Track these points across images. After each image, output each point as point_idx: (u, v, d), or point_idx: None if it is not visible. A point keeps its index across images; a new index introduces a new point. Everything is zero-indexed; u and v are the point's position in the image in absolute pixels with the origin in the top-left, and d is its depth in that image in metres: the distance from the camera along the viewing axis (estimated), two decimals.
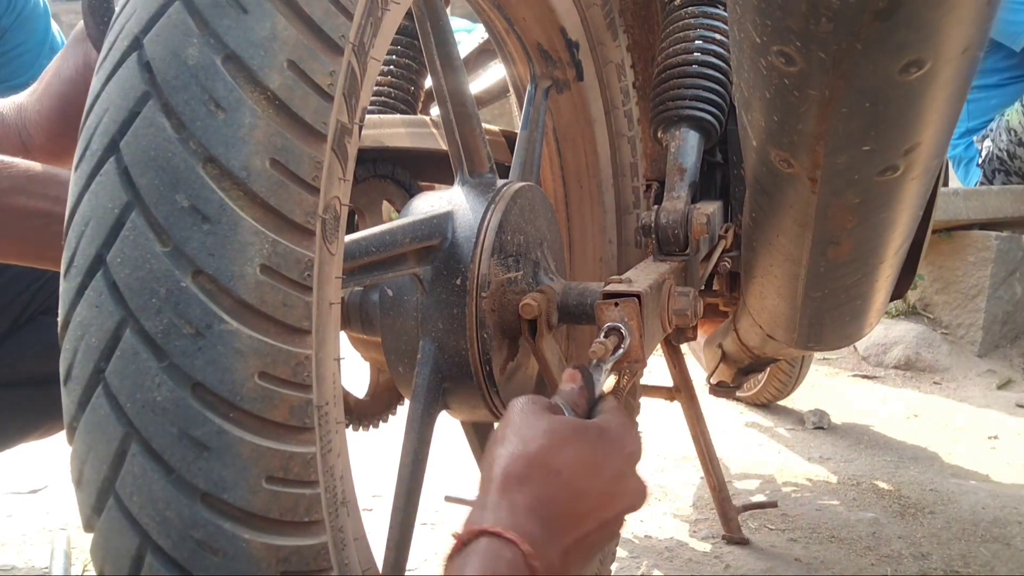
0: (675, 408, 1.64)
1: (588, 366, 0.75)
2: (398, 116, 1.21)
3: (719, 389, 1.83)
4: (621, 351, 0.78)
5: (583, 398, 0.71)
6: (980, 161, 3.29)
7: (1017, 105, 3.11)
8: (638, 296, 0.82)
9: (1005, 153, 3.18)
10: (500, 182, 0.90)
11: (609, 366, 0.77)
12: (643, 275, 0.94)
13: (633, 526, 1.70)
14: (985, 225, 2.92)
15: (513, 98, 1.26)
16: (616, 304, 0.80)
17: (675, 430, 2.18)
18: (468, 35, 1.86)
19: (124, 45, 0.54)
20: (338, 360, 0.61)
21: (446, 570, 0.53)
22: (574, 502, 0.58)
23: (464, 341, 0.82)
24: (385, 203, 1.13)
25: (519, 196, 0.89)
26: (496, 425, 0.67)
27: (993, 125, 3.22)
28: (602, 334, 0.79)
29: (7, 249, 0.97)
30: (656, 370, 2.31)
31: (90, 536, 0.53)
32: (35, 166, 0.96)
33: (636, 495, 0.63)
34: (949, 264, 2.95)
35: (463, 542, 0.54)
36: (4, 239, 0.95)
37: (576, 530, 0.57)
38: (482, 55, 1.73)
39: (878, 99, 0.65)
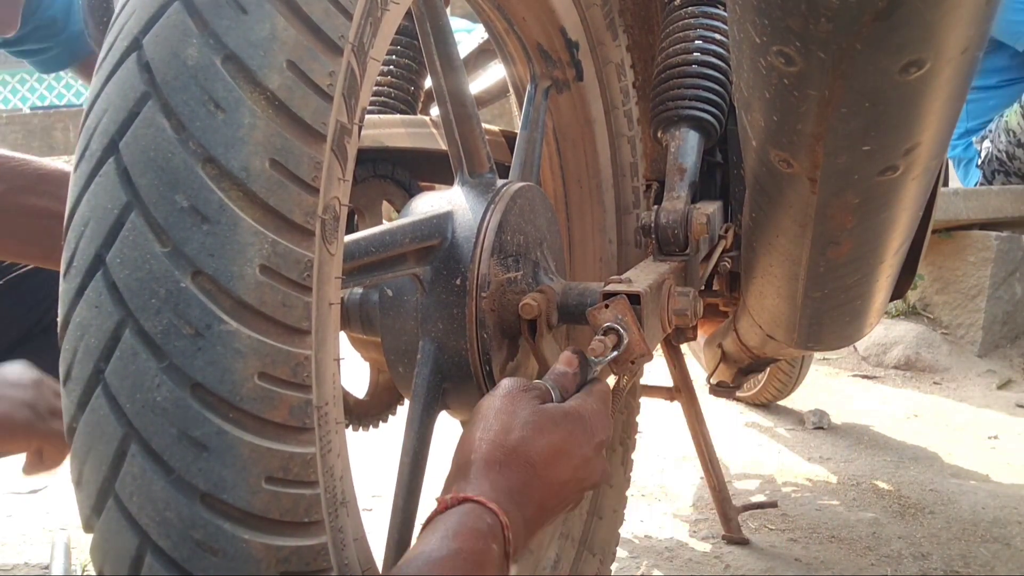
0: (675, 408, 1.64)
1: (596, 359, 0.77)
2: (398, 116, 1.21)
3: (719, 389, 1.83)
4: (621, 349, 0.78)
5: (573, 383, 0.76)
6: (980, 162, 3.29)
7: (1016, 106, 3.12)
8: (628, 293, 0.82)
9: (1004, 154, 3.18)
10: (500, 182, 0.90)
11: (607, 360, 0.77)
12: (643, 275, 0.94)
13: (633, 526, 1.70)
14: (985, 225, 2.93)
15: (513, 98, 1.26)
16: (607, 306, 0.80)
17: (675, 430, 2.18)
18: (468, 35, 1.86)
19: (124, 45, 0.54)
20: (338, 360, 0.60)
21: (426, 527, 0.59)
22: (544, 490, 0.66)
23: (464, 341, 0.82)
24: (385, 203, 1.13)
25: (519, 196, 0.89)
26: (483, 398, 0.72)
27: (992, 126, 3.22)
28: (600, 332, 0.79)
29: (14, 247, 0.97)
30: (656, 370, 2.31)
31: (90, 536, 0.53)
32: (46, 165, 0.95)
33: (597, 476, 0.72)
34: (949, 264, 2.95)
35: (447, 505, 0.60)
36: (12, 237, 0.95)
37: (543, 510, 0.67)
38: (482, 55, 1.73)
39: (878, 99, 0.65)
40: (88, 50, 1.87)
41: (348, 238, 0.71)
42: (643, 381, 1.48)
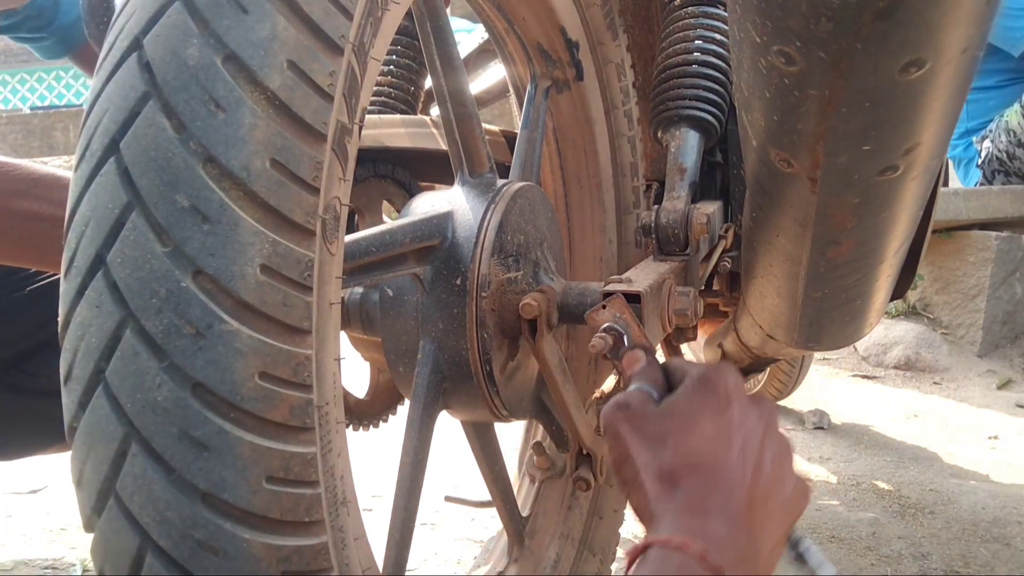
0: None
1: (628, 350, 0.74)
2: (398, 116, 1.21)
3: None
4: (626, 346, 0.78)
5: (656, 369, 0.68)
6: (980, 162, 3.29)
7: (1016, 106, 3.12)
8: (628, 293, 0.82)
9: (1004, 154, 3.18)
10: (500, 182, 0.90)
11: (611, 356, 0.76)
12: (643, 275, 0.94)
13: (633, 526, 1.70)
14: (985, 225, 2.93)
15: (513, 98, 1.26)
16: (604, 307, 0.80)
17: None
18: (468, 35, 1.86)
19: (124, 45, 0.54)
20: (338, 360, 0.61)
21: None
22: (729, 477, 0.57)
23: (464, 341, 0.82)
24: (385, 203, 1.13)
25: (519, 196, 0.89)
26: (603, 438, 0.64)
27: (992, 126, 3.22)
28: (600, 332, 0.79)
29: (7, 250, 0.98)
30: None
31: (90, 536, 0.53)
32: (40, 169, 0.96)
33: (766, 421, 0.62)
34: (949, 264, 2.95)
35: (632, 559, 0.54)
36: (5, 240, 0.95)
37: (746, 496, 0.56)
38: (482, 55, 1.73)
39: (878, 99, 0.65)
40: (82, 40, 1.88)
41: (348, 238, 0.71)
42: None
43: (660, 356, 1.51)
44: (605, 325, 0.79)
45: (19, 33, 1.86)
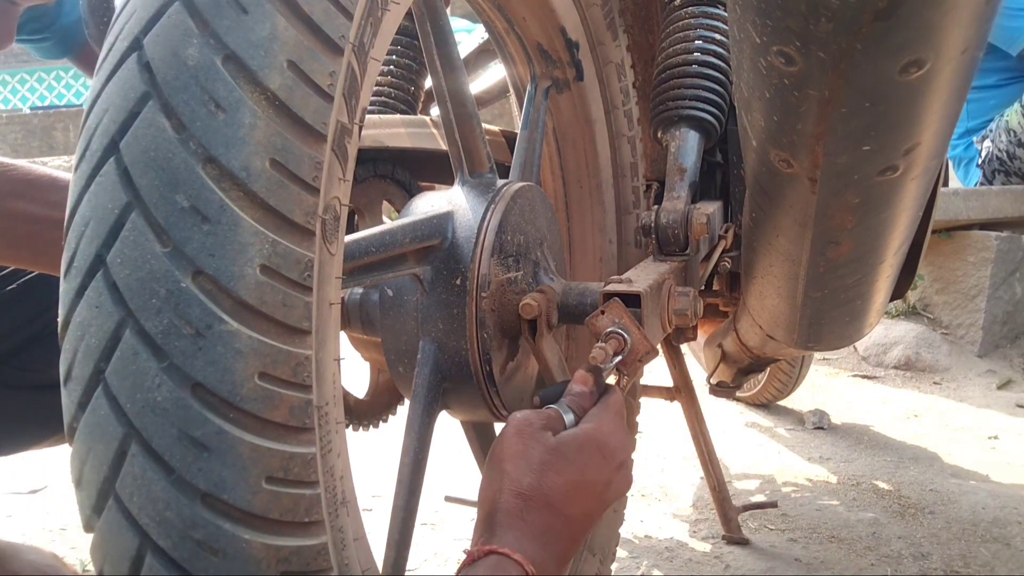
0: (675, 408, 1.64)
1: (601, 365, 0.76)
2: (398, 116, 1.21)
3: (719, 389, 1.83)
4: (625, 352, 0.78)
5: (591, 401, 0.75)
6: (980, 162, 3.29)
7: (1016, 106, 3.12)
8: (628, 293, 0.82)
9: (1005, 154, 3.18)
10: (500, 182, 0.90)
11: (615, 363, 0.77)
12: (643, 275, 0.94)
13: (633, 526, 1.70)
14: (985, 225, 2.92)
15: (513, 98, 1.26)
16: (603, 312, 0.80)
17: (675, 430, 2.18)
18: (468, 35, 1.86)
19: (124, 45, 0.54)
20: (338, 360, 0.61)
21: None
22: (570, 525, 0.66)
23: (464, 341, 0.82)
24: (385, 203, 1.13)
25: (519, 196, 0.89)
26: (496, 436, 0.71)
27: (992, 126, 3.22)
28: (602, 339, 0.79)
29: (3, 252, 0.98)
30: (656, 370, 2.31)
31: (90, 536, 0.53)
32: (36, 170, 0.96)
33: (621, 490, 0.72)
34: (949, 264, 2.95)
35: (474, 558, 0.62)
36: (1, 242, 0.95)
37: (572, 542, 0.67)
38: (482, 55, 1.73)
39: (878, 99, 0.65)
40: (82, 41, 1.88)
41: (348, 238, 0.71)
42: (643, 381, 1.48)
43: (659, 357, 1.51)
44: (608, 330, 0.79)
45: (21, 35, 1.86)
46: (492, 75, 1.75)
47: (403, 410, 1.04)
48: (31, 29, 1.86)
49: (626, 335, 0.78)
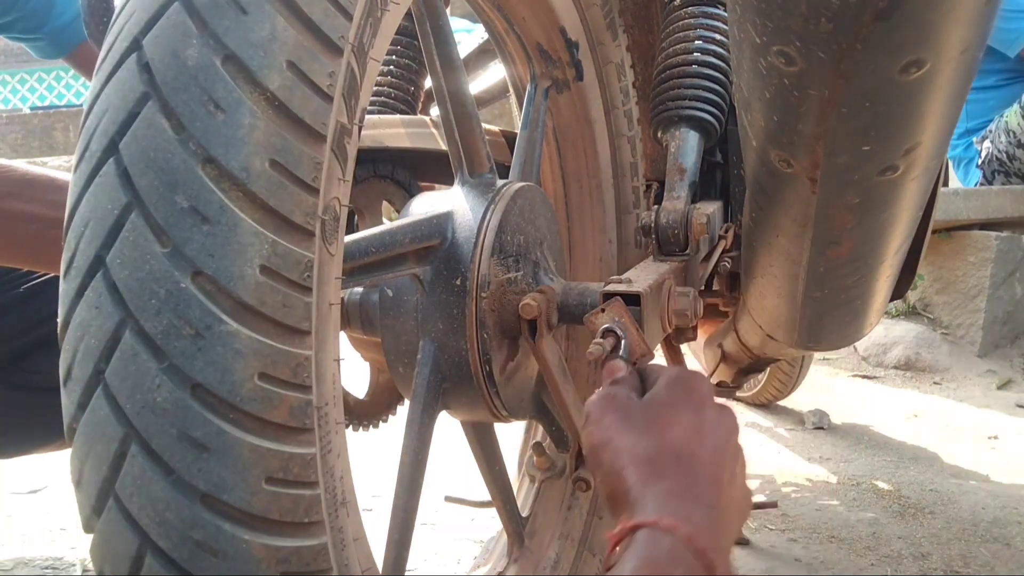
0: None
1: (607, 359, 0.75)
2: (398, 116, 1.21)
3: (719, 389, 1.83)
4: (621, 350, 0.78)
5: (634, 377, 0.72)
6: (980, 162, 3.29)
7: (1016, 106, 3.11)
8: (628, 293, 0.82)
9: (1004, 154, 3.18)
10: (500, 182, 0.90)
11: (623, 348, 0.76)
12: (643, 275, 0.94)
13: None
14: (985, 225, 2.92)
15: (513, 98, 1.25)
16: (603, 310, 0.80)
17: None
18: (468, 35, 1.86)
19: (124, 46, 0.54)
20: (338, 360, 0.60)
21: (608, 570, 0.54)
22: (706, 469, 0.60)
23: (464, 341, 0.82)
24: (385, 203, 1.13)
25: (519, 196, 0.89)
26: (584, 425, 0.67)
27: (992, 126, 3.22)
28: (598, 336, 0.79)
29: (2, 252, 0.98)
30: None
31: (90, 537, 0.53)
32: (34, 171, 0.96)
33: (728, 422, 0.66)
34: (949, 264, 2.95)
35: (618, 540, 0.55)
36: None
37: (717, 488, 0.60)
38: (482, 55, 1.73)
39: (878, 99, 0.65)
40: (77, 41, 1.88)
41: (348, 238, 0.71)
42: None
43: (659, 357, 1.51)
44: (603, 327, 0.78)
45: (12, 33, 1.86)
46: (492, 75, 1.75)
47: (403, 410, 1.04)
48: (23, 28, 1.86)
49: (623, 335, 0.78)
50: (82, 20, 1.67)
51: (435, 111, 1.40)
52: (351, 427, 1.10)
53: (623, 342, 0.77)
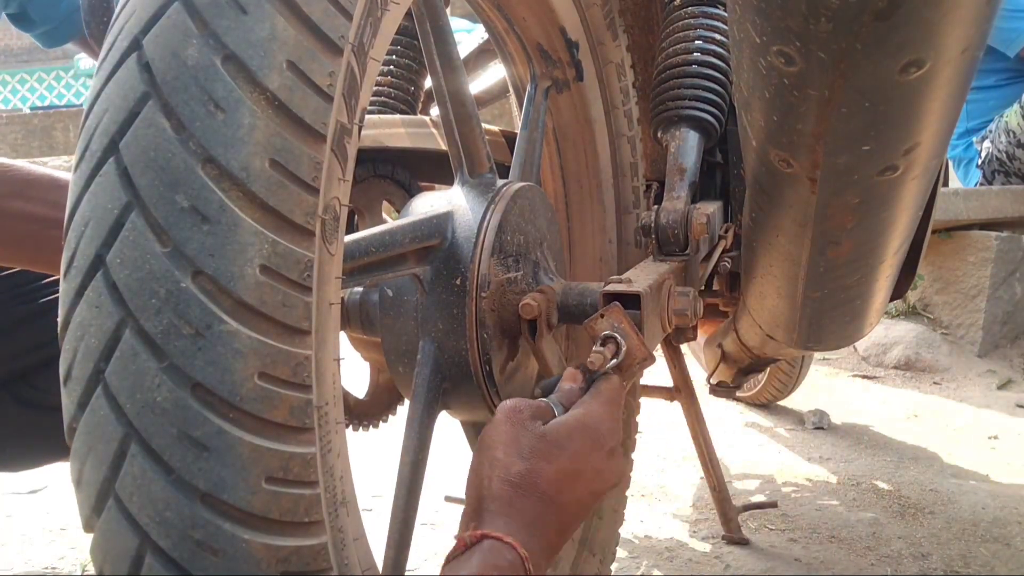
0: (675, 408, 1.64)
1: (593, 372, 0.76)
2: (398, 116, 1.21)
3: (719, 389, 1.83)
4: (620, 356, 0.77)
5: (579, 396, 0.74)
6: (980, 162, 3.29)
7: (1015, 106, 3.11)
8: (628, 294, 0.82)
9: (1004, 154, 3.18)
10: (500, 182, 0.90)
11: (608, 369, 0.77)
12: (643, 275, 0.94)
13: (633, 526, 1.70)
14: (985, 225, 2.92)
15: (513, 98, 1.25)
16: (602, 316, 0.79)
17: (675, 430, 2.18)
18: (468, 35, 1.86)
19: (124, 45, 0.54)
20: (338, 360, 0.61)
21: (446, 568, 0.60)
22: (561, 514, 0.66)
23: (464, 341, 0.82)
24: (385, 203, 1.13)
25: (519, 196, 0.89)
26: (486, 428, 0.71)
27: (992, 126, 3.22)
28: (599, 343, 0.79)
29: (2, 252, 0.98)
30: (656, 370, 2.30)
31: (90, 536, 0.53)
32: (35, 170, 0.96)
33: (614, 479, 0.71)
34: (949, 264, 2.95)
35: (466, 543, 0.61)
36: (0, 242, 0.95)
37: (561, 532, 0.67)
38: (482, 55, 1.73)
39: (878, 99, 0.65)
40: (79, 32, 1.87)
41: (348, 238, 0.71)
42: (643, 381, 1.48)
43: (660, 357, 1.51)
44: (603, 334, 0.78)
45: (24, 21, 1.85)
46: (492, 75, 1.75)
47: (403, 410, 1.04)
48: (34, 19, 1.85)
49: (623, 340, 0.78)
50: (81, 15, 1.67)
51: (435, 111, 1.41)
52: (351, 427, 1.10)
53: (623, 348, 0.77)
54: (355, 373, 1.07)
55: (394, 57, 1.28)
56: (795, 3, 0.59)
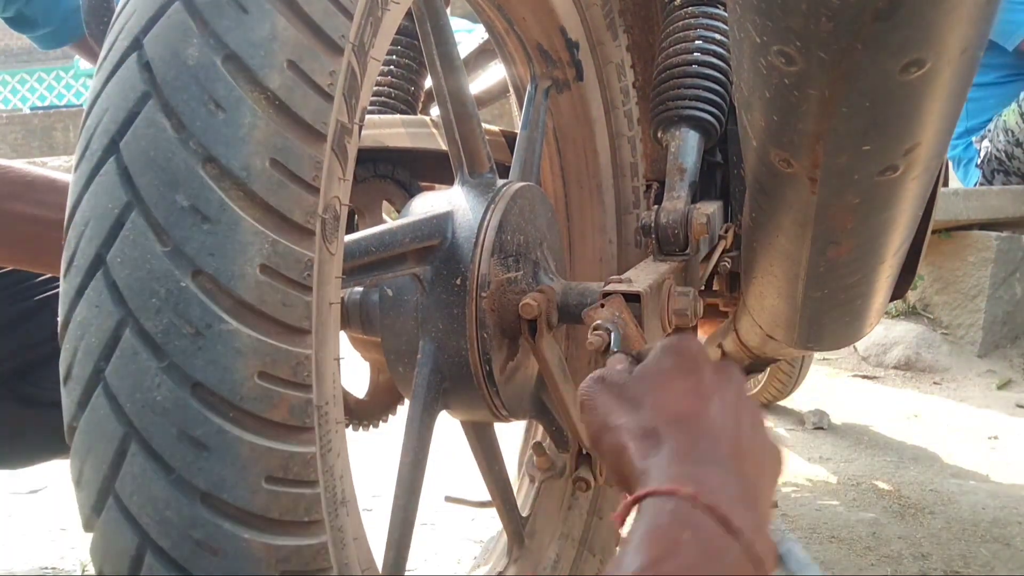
0: None
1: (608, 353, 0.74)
2: (398, 116, 1.21)
3: None
4: (613, 341, 0.77)
5: (628, 361, 0.70)
6: (979, 162, 3.29)
7: (1014, 105, 3.11)
8: (628, 293, 0.82)
9: (1003, 153, 3.17)
10: (500, 182, 0.90)
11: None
12: (643, 275, 0.94)
13: None
14: (985, 225, 2.92)
15: (513, 98, 1.25)
16: (603, 305, 0.79)
17: None
18: (468, 35, 1.86)
19: (124, 45, 0.54)
20: (338, 360, 0.61)
21: (619, 545, 0.52)
22: (706, 430, 0.57)
23: (464, 341, 0.82)
24: (385, 203, 1.13)
25: (519, 196, 0.89)
26: (581, 419, 0.65)
27: (991, 125, 3.22)
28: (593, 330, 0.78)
29: (1, 253, 0.98)
30: None
31: (90, 536, 0.53)
32: (34, 171, 0.96)
33: (730, 380, 0.63)
34: (949, 264, 2.95)
35: (623, 517, 0.54)
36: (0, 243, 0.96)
37: (726, 447, 0.56)
38: (482, 55, 1.73)
39: (878, 99, 0.65)
40: (79, 33, 1.88)
41: (348, 238, 0.71)
42: None
43: None
44: (597, 322, 0.78)
45: (21, 24, 1.86)
46: (492, 75, 1.75)
47: (403, 410, 1.04)
48: (28, 21, 1.85)
49: (615, 330, 0.78)
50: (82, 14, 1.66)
51: (435, 111, 1.40)
52: (351, 427, 1.10)
53: (613, 335, 0.77)
54: (355, 373, 1.07)
55: (394, 57, 1.28)
56: (795, 3, 0.59)
